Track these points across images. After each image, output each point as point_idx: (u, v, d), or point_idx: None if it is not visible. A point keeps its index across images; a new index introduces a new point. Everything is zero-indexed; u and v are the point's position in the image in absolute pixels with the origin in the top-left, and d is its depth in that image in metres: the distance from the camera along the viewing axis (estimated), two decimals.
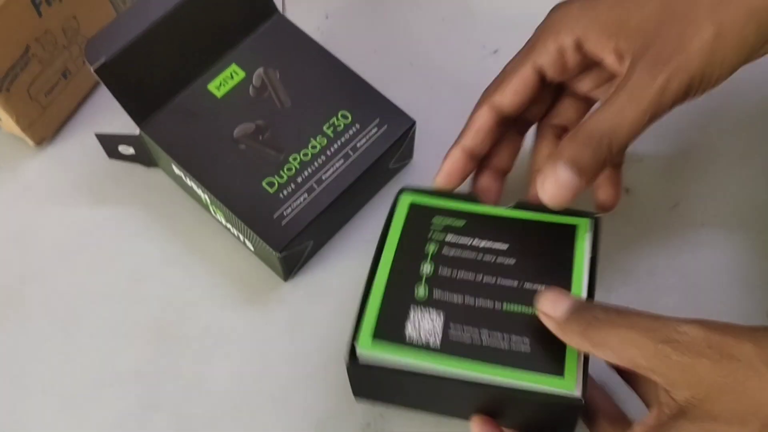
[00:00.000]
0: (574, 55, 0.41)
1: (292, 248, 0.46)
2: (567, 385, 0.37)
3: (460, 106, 0.47)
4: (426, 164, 0.53)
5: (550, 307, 0.37)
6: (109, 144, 0.51)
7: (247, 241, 0.49)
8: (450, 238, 0.42)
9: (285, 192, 0.47)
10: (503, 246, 0.42)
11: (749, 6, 0.36)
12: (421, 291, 0.41)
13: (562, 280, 0.40)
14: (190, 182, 0.48)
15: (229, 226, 0.49)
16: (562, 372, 0.37)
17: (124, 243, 0.51)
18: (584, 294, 0.40)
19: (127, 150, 0.51)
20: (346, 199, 0.48)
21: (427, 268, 0.41)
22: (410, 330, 0.39)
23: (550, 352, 0.38)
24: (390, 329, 0.39)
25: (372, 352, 0.39)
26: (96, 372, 0.47)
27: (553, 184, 0.38)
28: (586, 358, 0.38)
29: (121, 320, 0.49)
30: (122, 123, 0.49)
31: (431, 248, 0.42)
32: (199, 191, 0.48)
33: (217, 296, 0.49)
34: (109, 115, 0.52)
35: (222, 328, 0.48)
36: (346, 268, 0.50)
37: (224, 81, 0.50)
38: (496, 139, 0.44)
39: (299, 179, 0.47)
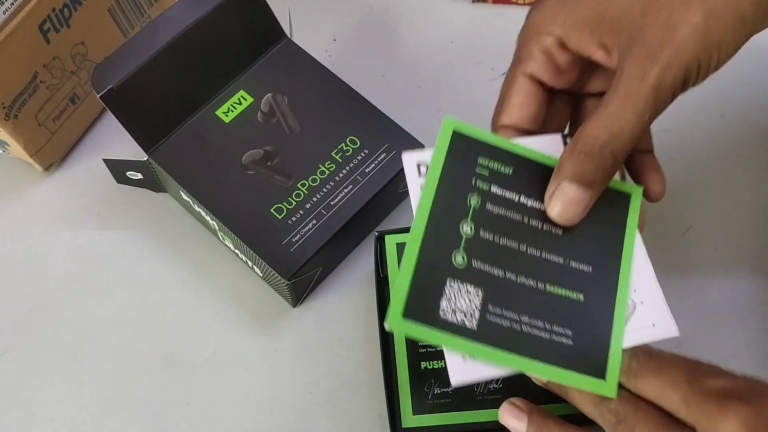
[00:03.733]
0: (562, 55, 0.38)
1: (301, 275, 0.46)
2: (609, 390, 0.34)
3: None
4: None
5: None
6: (118, 169, 0.51)
7: (255, 267, 0.48)
8: (496, 189, 0.37)
9: (293, 218, 0.47)
10: None
11: None
12: (459, 258, 0.35)
13: (611, 261, 0.37)
14: (198, 208, 0.48)
15: (237, 252, 0.49)
16: (604, 375, 0.35)
17: (132, 269, 0.51)
18: (632, 281, 0.37)
19: (135, 175, 0.51)
20: (354, 225, 0.48)
21: (467, 228, 0.36)
22: (444, 306, 0.34)
23: (593, 349, 0.35)
24: (423, 305, 0.34)
25: (402, 330, 0.33)
26: (104, 399, 0.47)
27: (561, 202, 0.35)
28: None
29: (129, 347, 0.48)
30: (131, 147, 0.49)
31: (474, 201, 0.36)
32: (207, 217, 0.48)
33: (225, 322, 0.49)
34: (118, 139, 0.52)
35: (230, 354, 0.48)
36: (356, 293, 0.49)
37: (232, 107, 0.50)
38: None
39: (308, 205, 0.47)
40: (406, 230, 0.46)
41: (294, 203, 0.47)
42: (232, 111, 0.50)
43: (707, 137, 0.54)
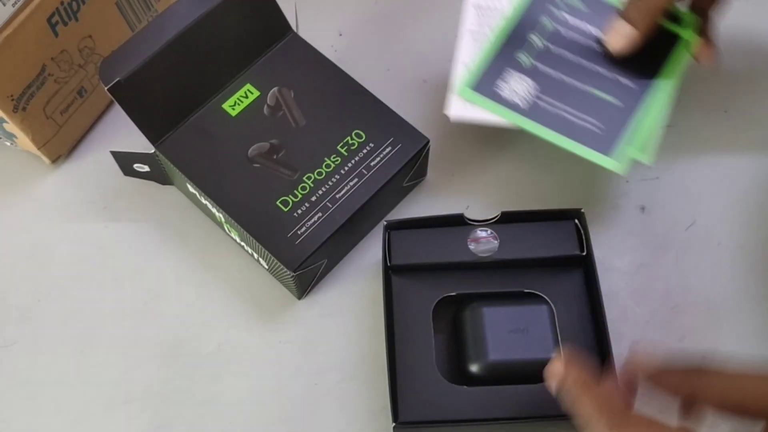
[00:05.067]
0: None
1: (306, 267, 0.46)
2: (612, 165, 0.46)
3: (474, 124, 0.47)
4: (440, 182, 0.53)
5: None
6: (125, 162, 0.51)
7: (261, 260, 0.49)
8: (570, 19, 0.50)
9: (299, 211, 0.47)
10: None
11: None
12: (526, 59, 0.48)
13: (647, 83, 0.48)
14: (204, 200, 0.49)
15: (243, 244, 0.49)
16: (612, 155, 0.46)
17: (138, 261, 0.51)
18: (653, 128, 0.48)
19: (142, 168, 0.51)
20: (360, 218, 0.48)
21: (539, 42, 0.49)
22: (505, 90, 0.47)
23: (611, 137, 0.46)
24: (488, 85, 0.48)
25: (468, 100, 0.47)
26: (110, 390, 0.47)
27: (614, 36, 0.47)
28: None
29: (135, 338, 0.49)
30: (138, 140, 0.49)
31: (548, 24, 0.49)
32: (214, 210, 0.48)
33: (230, 314, 0.49)
34: (125, 132, 0.53)
35: (235, 346, 0.48)
36: (360, 286, 0.50)
37: (239, 100, 0.50)
38: None
39: (313, 198, 0.47)
40: (413, 222, 0.47)
41: (300, 196, 0.47)
42: (239, 104, 0.50)
43: (711, 132, 0.54)
